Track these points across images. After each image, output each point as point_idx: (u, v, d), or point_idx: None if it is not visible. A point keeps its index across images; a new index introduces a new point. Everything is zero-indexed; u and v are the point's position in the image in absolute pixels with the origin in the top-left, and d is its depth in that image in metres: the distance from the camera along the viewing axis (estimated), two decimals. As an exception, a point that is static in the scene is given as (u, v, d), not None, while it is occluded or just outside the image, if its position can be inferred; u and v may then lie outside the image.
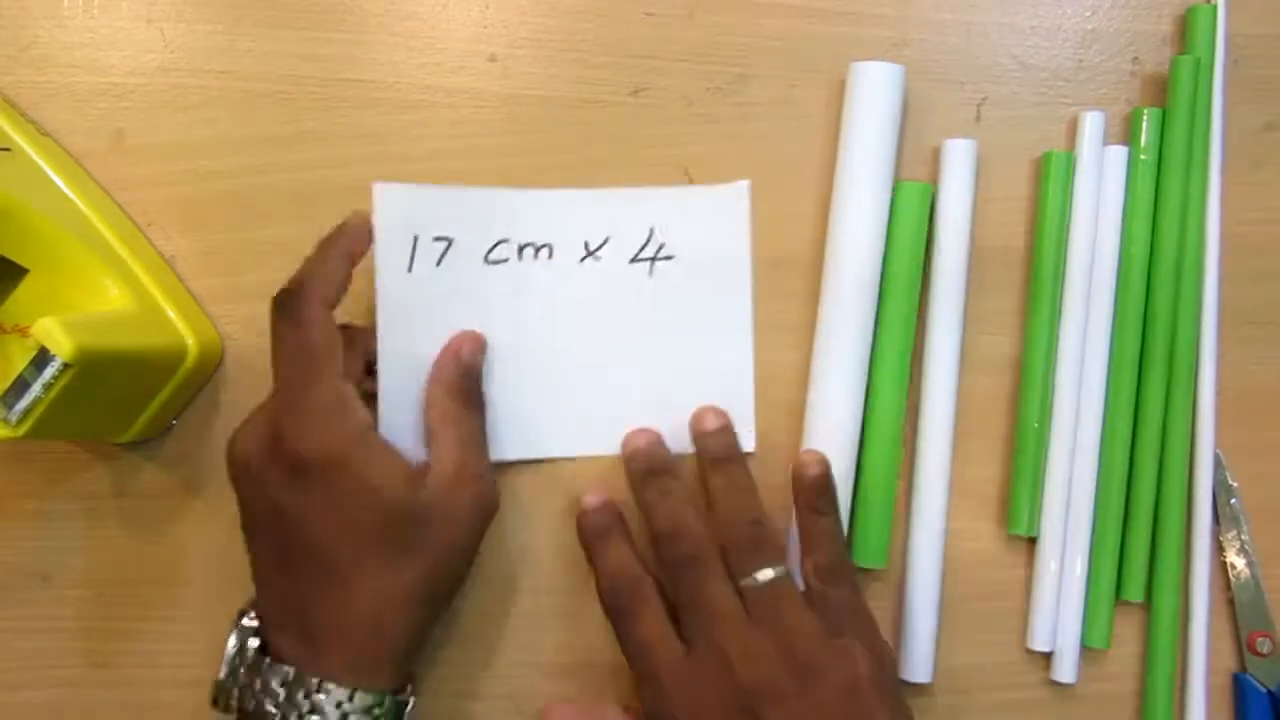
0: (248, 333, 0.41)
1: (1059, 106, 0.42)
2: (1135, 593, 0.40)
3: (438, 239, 0.39)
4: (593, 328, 0.41)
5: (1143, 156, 0.41)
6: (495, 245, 0.40)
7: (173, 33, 0.41)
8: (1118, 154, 0.41)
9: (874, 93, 0.39)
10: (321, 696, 0.34)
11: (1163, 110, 0.41)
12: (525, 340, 0.40)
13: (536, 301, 0.40)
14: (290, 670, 0.34)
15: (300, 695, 0.34)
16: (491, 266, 0.40)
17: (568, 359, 0.41)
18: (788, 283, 0.41)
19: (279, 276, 0.41)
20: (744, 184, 0.41)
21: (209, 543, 0.41)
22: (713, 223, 0.41)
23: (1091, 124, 0.41)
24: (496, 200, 0.40)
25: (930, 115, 0.42)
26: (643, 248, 0.41)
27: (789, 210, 0.41)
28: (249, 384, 0.41)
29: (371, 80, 0.41)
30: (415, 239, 0.39)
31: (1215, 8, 0.41)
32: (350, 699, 0.34)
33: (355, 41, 0.41)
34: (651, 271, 0.41)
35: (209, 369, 0.41)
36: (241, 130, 0.41)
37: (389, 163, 0.41)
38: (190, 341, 0.39)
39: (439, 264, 0.39)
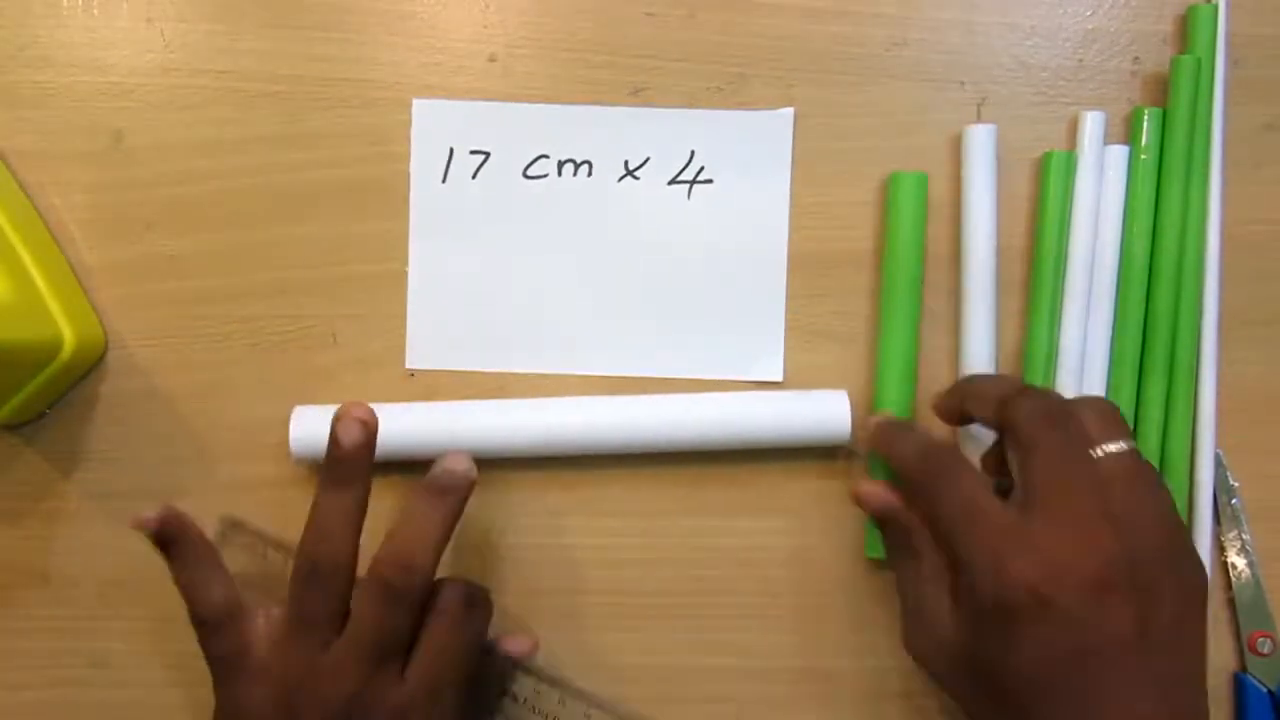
0: (245, 332, 0.41)
1: (1059, 106, 0.42)
2: None
3: (474, 152, 0.40)
4: (628, 248, 0.41)
5: (1143, 156, 0.41)
6: (534, 160, 0.40)
7: (173, 33, 0.41)
8: (1118, 154, 0.41)
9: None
10: None
11: (1163, 110, 0.41)
12: (560, 257, 0.41)
13: (573, 218, 0.41)
14: None
15: None
16: (529, 181, 0.40)
17: (601, 278, 0.41)
18: (791, 281, 0.41)
19: (279, 276, 0.41)
20: (788, 111, 0.41)
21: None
22: (754, 148, 0.41)
23: (1092, 124, 0.41)
24: (537, 115, 0.41)
25: (930, 115, 0.42)
26: (682, 170, 0.41)
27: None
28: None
29: (371, 80, 0.41)
30: (451, 151, 0.40)
31: (1215, 7, 0.41)
32: None
33: (355, 41, 0.41)
34: (690, 194, 0.41)
35: (87, 363, 0.40)
36: (241, 130, 0.41)
37: (389, 163, 0.41)
38: (67, 335, 0.38)
39: (474, 177, 0.40)
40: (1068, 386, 0.40)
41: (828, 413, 0.39)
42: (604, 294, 0.41)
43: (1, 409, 0.38)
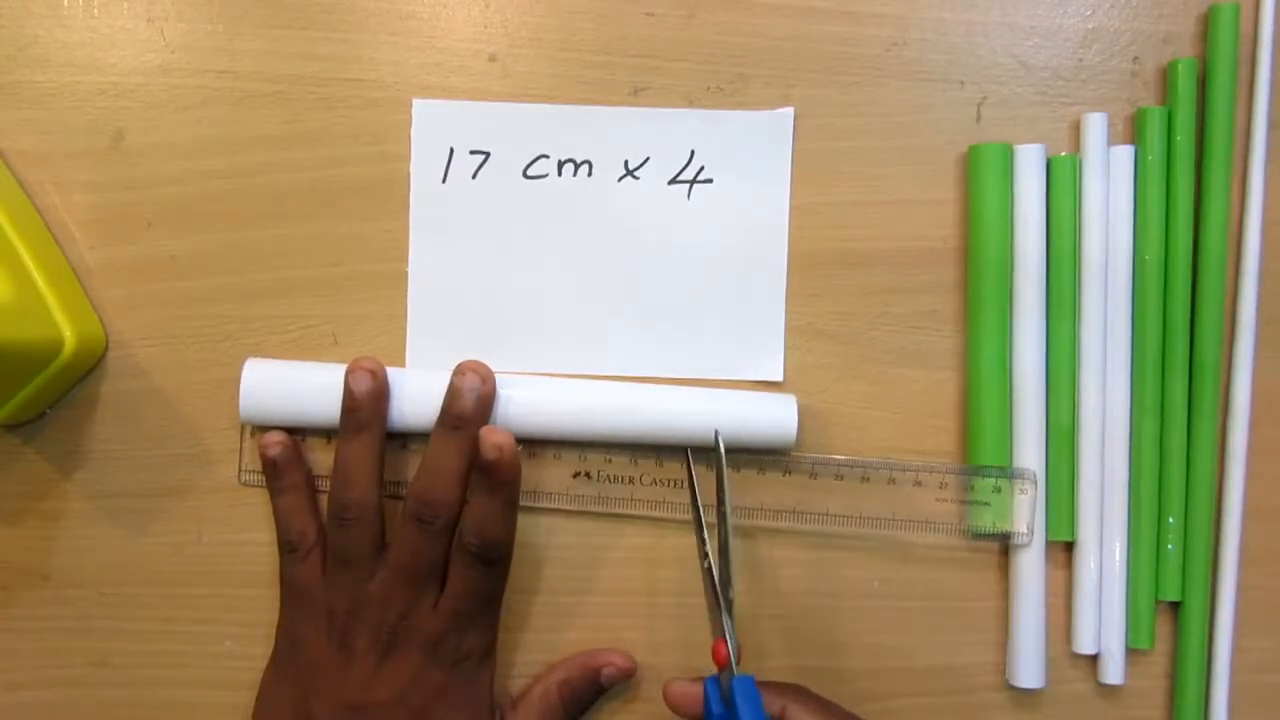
0: (245, 332, 0.41)
1: (1059, 106, 0.42)
2: (1173, 593, 0.41)
3: (474, 152, 0.40)
4: (628, 247, 0.41)
5: (1150, 157, 0.41)
6: (534, 160, 0.40)
7: (173, 33, 0.41)
8: (1123, 155, 0.41)
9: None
10: None
11: (1169, 110, 0.41)
12: (559, 257, 0.41)
13: (573, 218, 0.41)
14: None
15: None
16: (529, 181, 0.41)
17: (600, 277, 0.41)
18: (791, 281, 0.41)
19: (279, 276, 0.41)
20: (788, 111, 0.41)
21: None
22: (754, 148, 0.41)
23: (1095, 126, 0.41)
24: (537, 115, 0.41)
25: (930, 115, 0.41)
26: (682, 169, 0.41)
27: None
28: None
29: (371, 80, 0.41)
30: (451, 151, 0.40)
31: (1238, 6, 0.41)
32: None
33: (355, 41, 0.41)
34: (690, 194, 0.41)
35: (87, 363, 0.40)
36: (241, 130, 0.41)
37: (389, 163, 0.41)
38: (68, 335, 0.38)
39: (474, 177, 0.40)
40: (1092, 390, 0.41)
41: (773, 416, 0.39)
42: (603, 294, 0.41)
43: (1, 409, 0.38)
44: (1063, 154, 0.41)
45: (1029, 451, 0.40)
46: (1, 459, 0.41)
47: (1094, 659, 0.41)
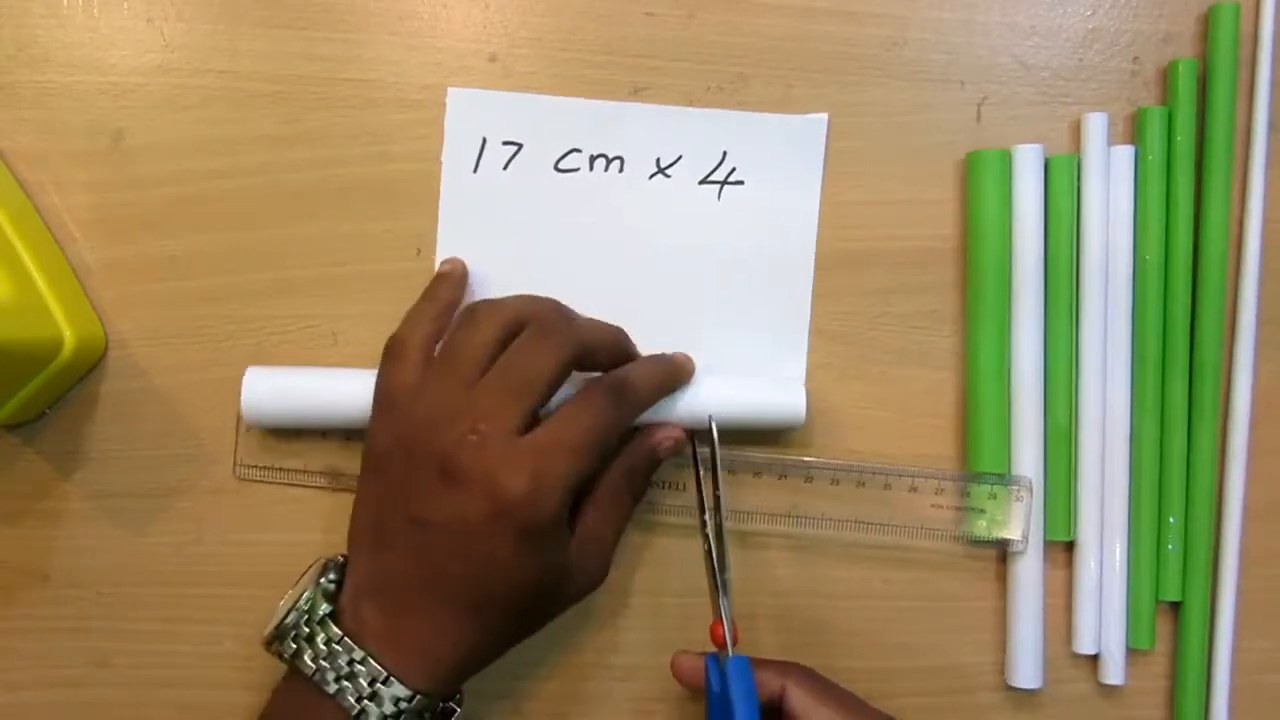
0: (245, 332, 0.41)
1: (1059, 106, 0.42)
2: (1173, 593, 0.41)
3: (507, 143, 0.40)
4: (656, 245, 0.41)
5: (1150, 157, 0.41)
6: (566, 154, 0.40)
7: (173, 33, 0.41)
8: (1123, 154, 0.41)
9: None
10: (384, 688, 0.33)
11: (1169, 110, 0.41)
12: (587, 251, 0.41)
13: (602, 213, 0.41)
14: (362, 654, 0.34)
15: (364, 678, 0.33)
16: (561, 174, 0.41)
17: (628, 274, 0.41)
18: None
19: (279, 276, 0.41)
20: (822, 117, 0.41)
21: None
22: (786, 152, 0.41)
23: (1095, 126, 0.41)
24: (572, 109, 0.41)
25: (930, 115, 0.41)
26: (714, 170, 0.41)
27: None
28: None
29: (371, 80, 0.41)
30: (483, 141, 0.40)
31: (1238, 6, 0.41)
32: (411, 700, 0.33)
33: (355, 41, 0.41)
34: (720, 195, 0.41)
35: (87, 363, 0.40)
36: (241, 130, 0.41)
37: (389, 163, 0.41)
38: (67, 335, 0.38)
39: (506, 168, 0.40)
40: (1092, 386, 0.40)
41: (782, 391, 0.39)
42: (628, 290, 0.41)
43: (1, 409, 0.38)
44: (1062, 154, 0.41)
45: (1028, 452, 0.40)
46: (1, 459, 0.41)
47: (1094, 659, 0.41)
